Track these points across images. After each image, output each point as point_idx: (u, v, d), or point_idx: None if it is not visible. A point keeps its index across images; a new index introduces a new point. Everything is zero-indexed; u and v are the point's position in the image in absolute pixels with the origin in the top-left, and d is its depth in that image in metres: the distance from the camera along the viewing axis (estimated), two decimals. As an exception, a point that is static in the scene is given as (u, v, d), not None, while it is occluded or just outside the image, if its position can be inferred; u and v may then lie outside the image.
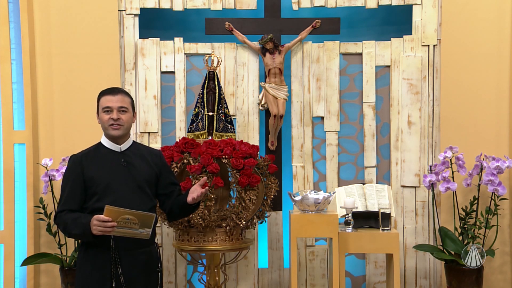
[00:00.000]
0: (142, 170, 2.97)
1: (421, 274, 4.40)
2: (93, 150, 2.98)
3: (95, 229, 2.73)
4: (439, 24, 4.37)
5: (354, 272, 4.51)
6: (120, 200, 2.84)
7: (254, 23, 4.41)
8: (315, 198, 3.60)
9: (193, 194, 2.94)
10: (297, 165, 4.45)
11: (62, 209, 2.87)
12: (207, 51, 4.40)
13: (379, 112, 4.48)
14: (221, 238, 3.78)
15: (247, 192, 3.76)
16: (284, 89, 4.32)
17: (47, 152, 4.21)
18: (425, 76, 4.40)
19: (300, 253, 4.42)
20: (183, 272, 4.40)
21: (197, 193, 2.93)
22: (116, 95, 2.94)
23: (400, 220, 4.40)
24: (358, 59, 4.48)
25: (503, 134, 4.26)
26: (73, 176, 2.90)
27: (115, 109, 2.91)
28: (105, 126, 2.93)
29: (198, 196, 2.92)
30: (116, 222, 2.71)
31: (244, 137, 4.39)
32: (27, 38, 4.19)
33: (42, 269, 4.21)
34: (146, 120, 4.38)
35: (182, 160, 3.76)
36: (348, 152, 4.52)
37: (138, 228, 2.78)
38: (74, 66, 4.26)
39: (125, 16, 4.39)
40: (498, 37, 4.26)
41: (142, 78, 4.40)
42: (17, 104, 4.27)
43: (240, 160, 3.72)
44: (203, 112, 4.07)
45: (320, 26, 4.37)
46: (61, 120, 4.25)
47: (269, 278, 4.45)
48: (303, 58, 4.45)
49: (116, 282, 2.81)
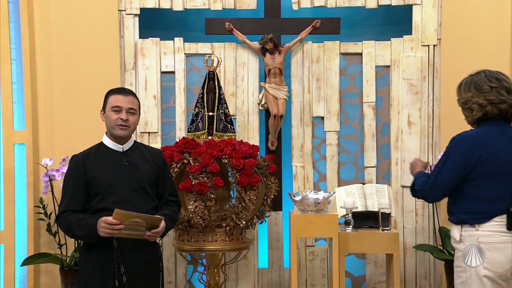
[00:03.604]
0: (144, 170, 2.96)
1: (421, 274, 4.40)
2: (95, 150, 2.97)
3: (102, 231, 2.72)
4: (439, 24, 4.37)
5: (354, 272, 4.51)
6: (122, 201, 2.84)
7: (254, 23, 4.41)
8: (315, 198, 3.60)
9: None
10: (297, 165, 4.45)
11: (65, 210, 2.86)
12: (207, 51, 4.40)
13: (379, 112, 4.48)
14: (221, 238, 3.78)
15: (247, 192, 3.76)
16: (284, 89, 4.32)
17: (47, 152, 4.21)
18: (425, 76, 4.40)
19: (300, 253, 4.42)
20: (183, 272, 4.40)
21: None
22: (127, 96, 2.94)
23: (400, 220, 4.40)
24: (358, 59, 4.48)
25: (503, 134, 4.25)
26: (75, 176, 2.89)
27: (124, 110, 2.91)
28: (111, 125, 2.92)
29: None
30: (124, 225, 2.71)
31: (244, 137, 4.39)
32: (27, 38, 4.19)
33: (42, 269, 4.21)
34: (146, 120, 4.38)
35: (182, 160, 3.76)
36: (348, 152, 4.52)
37: (145, 230, 2.79)
38: (74, 66, 4.26)
39: (125, 16, 4.39)
40: (498, 37, 4.26)
41: (142, 78, 4.40)
42: (17, 104, 4.27)
43: (240, 160, 3.72)
44: (203, 112, 4.07)
45: (320, 26, 4.38)
46: (61, 120, 4.25)
47: (269, 278, 4.45)
48: (303, 58, 4.45)
49: (119, 281, 2.81)
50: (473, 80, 2.81)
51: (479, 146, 2.72)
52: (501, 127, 2.78)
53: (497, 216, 2.72)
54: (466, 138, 2.76)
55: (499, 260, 2.71)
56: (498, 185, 2.72)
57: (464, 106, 2.83)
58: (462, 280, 2.78)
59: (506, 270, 2.71)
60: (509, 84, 2.78)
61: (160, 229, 2.84)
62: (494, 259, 2.71)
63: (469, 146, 2.73)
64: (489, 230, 2.72)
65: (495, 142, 2.74)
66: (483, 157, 2.71)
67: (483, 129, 2.78)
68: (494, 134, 2.75)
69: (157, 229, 2.83)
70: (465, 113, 2.86)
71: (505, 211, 2.71)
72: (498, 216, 2.72)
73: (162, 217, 2.85)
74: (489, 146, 2.72)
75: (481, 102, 2.76)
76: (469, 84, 2.81)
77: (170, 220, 2.97)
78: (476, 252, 2.78)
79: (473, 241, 2.74)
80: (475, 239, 2.74)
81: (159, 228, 2.84)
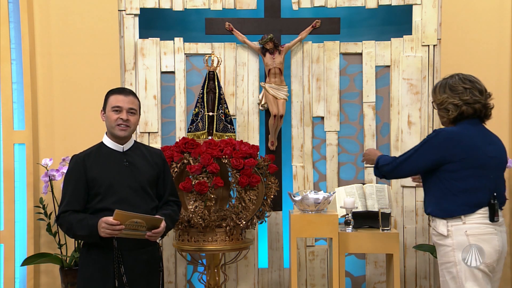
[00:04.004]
0: (144, 170, 2.96)
1: (421, 274, 4.40)
2: (95, 150, 2.97)
3: (103, 232, 2.72)
4: (439, 24, 4.37)
5: (354, 272, 4.51)
6: (123, 201, 2.84)
7: (254, 23, 4.41)
8: (315, 198, 3.60)
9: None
10: (297, 165, 4.45)
11: (65, 210, 2.86)
12: (207, 51, 4.40)
13: (379, 112, 4.48)
14: (221, 238, 3.78)
15: (247, 192, 3.76)
16: (284, 89, 4.32)
17: (47, 152, 4.21)
18: (425, 76, 4.40)
19: (300, 253, 4.43)
20: (183, 272, 4.40)
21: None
22: (128, 96, 2.94)
23: (400, 220, 4.40)
24: (358, 59, 4.48)
25: (502, 134, 4.23)
26: (75, 176, 2.89)
27: (125, 110, 2.91)
28: (112, 125, 2.93)
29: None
30: (124, 225, 2.71)
31: (244, 137, 4.39)
32: (27, 38, 4.19)
33: (42, 269, 4.21)
34: (146, 120, 4.38)
35: (182, 160, 3.76)
36: (348, 152, 4.52)
37: (145, 230, 2.79)
38: (74, 66, 4.26)
39: (125, 16, 4.39)
40: (498, 37, 4.26)
41: (142, 78, 4.40)
42: (17, 104, 4.27)
43: (240, 160, 3.72)
44: (203, 112, 4.07)
45: (320, 26, 4.38)
46: (61, 120, 4.25)
47: (269, 278, 4.45)
48: (303, 58, 4.45)
49: (119, 281, 2.81)
50: (448, 82, 2.98)
51: (457, 139, 2.87)
52: (477, 125, 2.95)
53: (481, 208, 2.85)
54: (446, 131, 2.92)
55: (488, 251, 2.83)
56: (478, 177, 2.86)
57: (440, 107, 3.00)
58: (453, 275, 2.86)
59: (493, 261, 2.84)
60: (481, 86, 2.96)
61: (160, 229, 2.84)
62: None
63: (447, 138, 2.88)
64: (476, 222, 2.85)
65: (473, 137, 2.89)
66: (462, 150, 2.86)
67: (461, 126, 2.93)
68: (471, 130, 2.91)
69: (157, 229, 2.83)
70: (441, 114, 3.02)
71: (487, 203, 2.85)
72: (482, 208, 2.85)
73: (163, 217, 2.85)
74: (468, 139, 2.88)
75: (456, 102, 2.92)
76: (444, 86, 2.98)
77: (170, 220, 2.97)
78: (475, 250, 2.84)
79: (462, 234, 2.84)
80: (464, 232, 2.84)
81: (159, 228, 2.84)
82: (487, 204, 2.86)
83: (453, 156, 2.86)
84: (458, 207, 2.86)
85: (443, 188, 2.90)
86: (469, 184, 2.86)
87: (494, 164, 2.92)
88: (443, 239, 2.90)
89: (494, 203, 2.85)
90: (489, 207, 2.85)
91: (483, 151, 2.88)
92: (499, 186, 2.94)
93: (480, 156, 2.87)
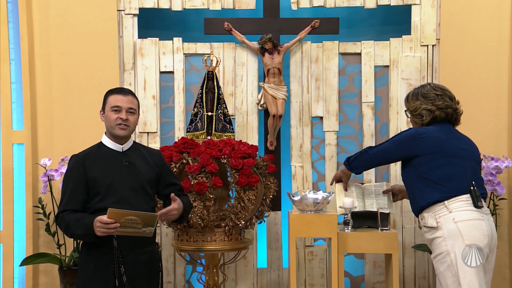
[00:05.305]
0: (143, 170, 2.97)
1: (420, 274, 4.40)
2: (94, 150, 2.98)
3: (98, 231, 2.73)
4: (438, 24, 4.37)
5: (353, 272, 4.51)
6: (122, 200, 2.84)
7: (253, 23, 4.41)
8: (314, 198, 3.60)
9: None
10: (296, 165, 4.45)
11: (64, 209, 2.86)
12: (206, 51, 4.40)
13: (378, 112, 4.48)
14: (220, 238, 3.78)
15: (246, 192, 3.76)
16: (283, 89, 4.32)
17: (46, 152, 4.21)
18: (424, 76, 4.40)
19: (299, 253, 4.43)
20: (182, 272, 4.40)
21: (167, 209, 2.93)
22: (127, 95, 2.95)
23: (399, 220, 4.40)
24: (357, 59, 4.48)
25: (502, 134, 4.26)
26: (75, 176, 2.90)
27: (124, 109, 2.92)
28: (111, 125, 2.93)
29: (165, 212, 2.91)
30: (119, 223, 2.71)
31: (243, 137, 4.39)
32: (26, 38, 4.19)
33: (41, 269, 4.21)
34: (145, 120, 4.37)
35: (181, 160, 3.76)
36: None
37: (141, 227, 2.79)
38: (73, 66, 4.26)
39: (124, 16, 4.39)
40: (497, 37, 4.26)
41: (141, 78, 4.40)
42: (16, 104, 4.27)
43: (239, 160, 3.72)
44: (202, 112, 4.07)
45: (319, 26, 4.38)
46: (60, 120, 4.25)
47: (268, 278, 4.45)
48: (302, 58, 4.45)
49: (119, 281, 2.81)
50: (420, 91, 3.26)
51: (423, 136, 3.12)
52: (448, 126, 3.21)
53: (463, 195, 3.01)
54: (415, 129, 3.22)
55: (477, 235, 2.95)
56: (453, 165, 3.06)
57: (413, 113, 3.25)
58: (448, 264, 2.96)
59: (484, 245, 2.95)
60: (451, 93, 3.24)
61: (171, 208, 2.89)
62: (473, 235, 2.94)
63: (415, 134, 3.15)
64: (461, 210, 2.98)
65: (440, 133, 3.14)
66: (430, 144, 3.09)
67: (432, 126, 3.19)
68: (442, 129, 3.16)
69: (169, 207, 2.89)
70: (414, 120, 3.28)
71: (468, 189, 3.03)
72: (464, 195, 3.02)
73: (157, 214, 2.85)
74: (434, 134, 3.12)
75: (429, 108, 3.18)
76: (417, 94, 3.25)
77: (189, 205, 3.11)
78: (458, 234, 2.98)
79: (450, 222, 2.96)
80: (451, 220, 2.97)
81: (172, 206, 2.89)
82: (468, 191, 3.02)
83: (423, 150, 3.09)
84: (441, 194, 3.03)
85: (423, 178, 3.09)
86: (446, 172, 3.05)
87: (467, 155, 3.11)
88: (434, 231, 3.02)
89: (474, 189, 3.01)
90: (470, 194, 3.01)
91: (451, 143, 3.10)
92: (475, 176, 3.09)
93: (450, 147, 3.08)
